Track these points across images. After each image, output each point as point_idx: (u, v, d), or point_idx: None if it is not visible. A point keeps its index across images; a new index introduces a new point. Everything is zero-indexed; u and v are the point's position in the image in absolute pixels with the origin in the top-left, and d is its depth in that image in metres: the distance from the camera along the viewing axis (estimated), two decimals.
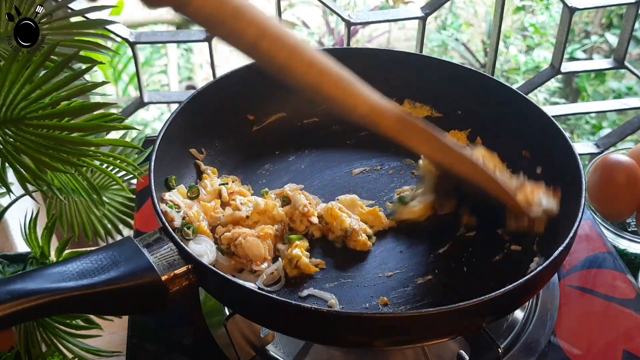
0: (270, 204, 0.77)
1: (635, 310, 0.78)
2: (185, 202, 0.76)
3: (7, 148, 0.69)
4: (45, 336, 0.78)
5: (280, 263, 0.73)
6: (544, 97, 2.63)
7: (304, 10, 3.06)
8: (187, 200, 0.77)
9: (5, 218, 0.89)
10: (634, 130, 1.20)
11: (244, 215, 0.76)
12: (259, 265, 0.72)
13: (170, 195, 0.75)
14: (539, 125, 0.81)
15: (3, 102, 0.67)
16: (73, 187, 0.78)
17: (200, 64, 2.95)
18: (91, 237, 0.93)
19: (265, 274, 0.72)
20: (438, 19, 2.87)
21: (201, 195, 0.79)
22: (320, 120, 0.94)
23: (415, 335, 0.61)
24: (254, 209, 0.76)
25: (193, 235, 0.72)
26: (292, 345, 0.75)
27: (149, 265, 0.61)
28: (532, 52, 2.69)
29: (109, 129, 0.71)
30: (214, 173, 0.83)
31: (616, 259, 0.85)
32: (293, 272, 0.73)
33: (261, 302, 0.60)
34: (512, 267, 0.74)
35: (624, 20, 1.12)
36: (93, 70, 0.75)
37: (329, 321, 0.59)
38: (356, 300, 0.71)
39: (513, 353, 0.73)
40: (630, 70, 1.16)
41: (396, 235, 0.79)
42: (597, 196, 0.94)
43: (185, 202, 0.76)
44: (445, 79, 0.91)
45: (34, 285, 0.56)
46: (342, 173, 0.88)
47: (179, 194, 0.77)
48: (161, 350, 0.75)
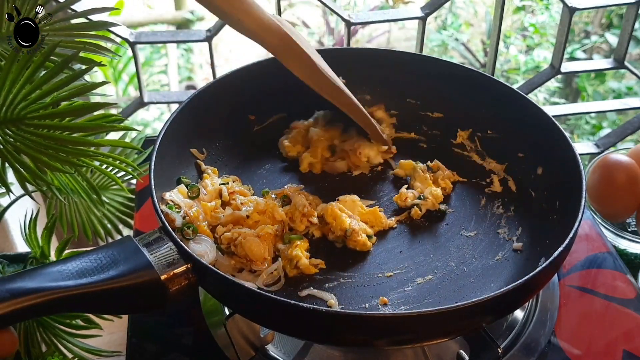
0: (270, 204, 0.77)
1: (635, 310, 0.78)
2: (185, 201, 0.76)
3: (7, 148, 0.69)
4: (45, 336, 0.78)
5: (280, 263, 0.73)
6: (544, 97, 2.63)
7: (304, 10, 3.07)
8: (187, 200, 0.77)
9: (5, 218, 0.88)
10: (634, 130, 1.20)
11: (244, 215, 0.76)
12: (258, 266, 0.72)
13: (171, 195, 0.75)
14: (539, 125, 0.81)
15: (3, 102, 0.67)
16: (73, 187, 0.79)
17: (200, 64, 2.96)
18: (91, 237, 0.93)
19: (265, 274, 0.72)
20: (438, 19, 2.87)
21: (201, 195, 0.79)
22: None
23: (414, 335, 0.61)
24: (254, 209, 0.76)
25: (193, 235, 0.72)
26: (292, 345, 0.75)
27: (149, 264, 0.61)
28: (532, 52, 2.69)
29: (109, 129, 0.71)
30: (214, 173, 0.83)
31: (616, 259, 0.85)
32: (293, 272, 0.73)
33: (260, 301, 0.60)
34: (512, 267, 0.74)
35: (624, 20, 1.12)
36: (93, 71, 0.75)
37: (328, 321, 0.59)
38: (356, 300, 0.71)
39: (513, 353, 0.73)
40: (630, 70, 1.16)
41: (396, 235, 0.80)
42: (597, 196, 0.94)
43: (185, 201, 0.76)
44: (445, 79, 0.91)
45: (33, 283, 0.56)
46: (342, 173, 0.88)
47: (179, 194, 0.77)
48: (161, 350, 0.75)
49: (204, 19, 2.56)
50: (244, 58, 2.88)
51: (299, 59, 0.76)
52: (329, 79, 0.79)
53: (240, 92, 0.89)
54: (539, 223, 0.77)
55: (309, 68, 0.77)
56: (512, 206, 0.82)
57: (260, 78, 0.89)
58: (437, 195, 0.82)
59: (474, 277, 0.73)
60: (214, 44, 1.07)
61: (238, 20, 0.70)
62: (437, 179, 0.85)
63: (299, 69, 0.77)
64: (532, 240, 0.76)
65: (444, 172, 0.86)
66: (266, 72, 0.88)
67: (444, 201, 0.83)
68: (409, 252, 0.77)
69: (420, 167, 0.85)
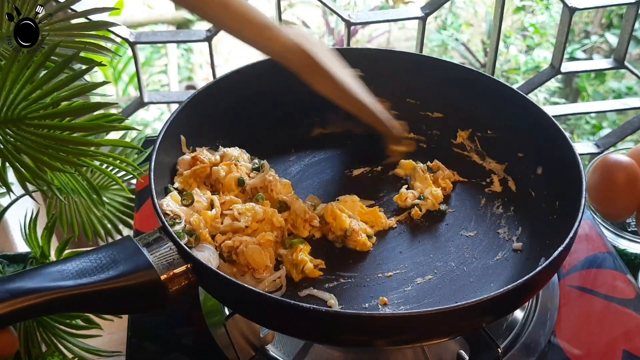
0: (269, 212, 0.77)
1: (635, 310, 0.78)
2: (183, 209, 0.75)
3: (7, 148, 0.69)
4: (45, 336, 0.78)
5: (283, 271, 0.73)
6: (544, 97, 2.63)
7: (304, 10, 3.07)
8: (185, 207, 0.75)
9: (5, 218, 0.89)
10: (634, 130, 1.20)
11: (243, 226, 0.75)
12: (260, 273, 0.72)
13: (168, 204, 0.74)
14: (539, 126, 0.81)
15: (3, 102, 0.67)
16: (73, 187, 0.79)
17: (200, 64, 2.96)
18: (91, 237, 0.93)
19: (267, 282, 0.71)
20: (438, 19, 2.87)
21: (202, 202, 0.77)
22: (320, 120, 0.94)
23: (414, 335, 0.61)
24: (253, 219, 0.76)
25: (195, 243, 0.71)
26: (292, 345, 0.75)
27: (148, 264, 0.61)
28: (532, 52, 2.69)
29: (110, 129, 0.71)
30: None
31: (616, 259, 0.85)
32: (299, 276, 0.72)
33: (260, 301, 0.60)
34: (512, 267, 0.74)
35: (624, 20, 1.12)
36: (93, 71, 0.75)
37: (328, 321, 0.59)
38: (356, 300, 0.71)
39: (513, 353, 0.73)
40: (630, 70, 1.16)
41: (396, 235, 0.80)
42: (597, 196, 0.94)
43: (183, 209, 0.75)
44: (446, 79, 0.91)
45: (32, 283, 0.56)
46: (342, 173, 0.88)
47: (173, 201, 0.75)
48: (161, 350, 0.75)
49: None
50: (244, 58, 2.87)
51: (320, 76, 0.78)
52: (351, 94, 0.81)
53: (241, 93, 0.89)
54: (538, 223, 0.77)
55: (332, 84, 0.79)
56: (512, 206, 0.82)
57: (260, 78, 0.89)
58: (437, 195, 0.82)
59: (474, 277, 0.73)
60: (214, 44, 1.07)
61: (264, 46, 0.75)
62: (437, 179, 0.85)
63: (321, 86, 0.79)
64: (532, 240, 0.76)
65: (444, 171, 0.86)
66: (266, 72, 0.88)
67: (444, 201, 0.83)
68: (409, 252, 0.77)
69: (420, 167, 0.85)
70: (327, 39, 2.92)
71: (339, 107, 0.82)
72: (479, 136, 0.90)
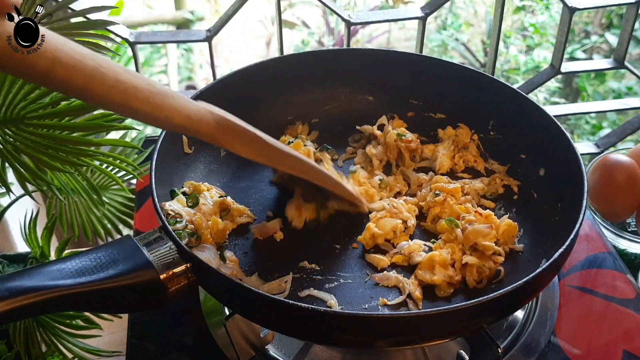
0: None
1: (635, 310, 0.78)
2: (186, 210, 0.75)
3: (7, 148, 0.69)
4: (45, 336, 0.78)
5: (290, 276, 0.72)
6: (544, 97, 2.63)
7: (304, 10, 3.07)
8: (188, 208, 0.75)
9: (5, 218, 0.88)
10: (634, 130, 1.20)
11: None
12: None
13: (171, 205, 0.74)
14: (542, 127, 0.80)
15: (3, 102, 0.67)
16: (73, 187, 0.78)
17: (200, 64, 2.95)
18: (91, 237, 0.93)
19: (271, 284, 0.71)
20: (438, 19, 2.87)
21: (207, 205, 0.77)
22: (321, 122, 0.94)
23: (414, 336, 0.61)
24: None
25: (196, 243, 0.71)
26: (292, 345, 0.75)
27: (148, 263, 0.61)
28: (532, 52, 2.69)
29: (109, 129, 0.71)
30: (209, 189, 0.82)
31: (616, 259, 0.85)
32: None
33: (260, 301, 0.60)
34: (512, 267, 0.74)
35: (624, 20, 1.12)
36: None
37: (327, 321, 0.59)
38: (356, 300, 0.71)
39: (513, 353, 0.73)
40: (630, 70, 1.16)
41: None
42: (597, 196, 0.94)
43: (186, 210, 0.75)
44: (446, 79, 0.91)
45: (32, 282, 0.56)
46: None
47: (178, 203, 0.75)
48: (161, 350, 0.75)
49: (204, 19, 2.56)
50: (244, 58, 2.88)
51: (243, 137, 0.68)
52: (281, 150, 0.72)
53: (241, 93, 0.88)
54: (540, 224, 0.77)
55: (257, 144, 0.69)
56: (514, 207, 0.82)
57: (261, 79, 0.89)
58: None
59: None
60: (214, 44, 1.07)
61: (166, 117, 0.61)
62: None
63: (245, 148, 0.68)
64: (533, 242, 0.76)
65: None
66: (267, 73, 0.88)
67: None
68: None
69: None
70: (327, 39, 2.92)
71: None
72: (482, 137, 0.90)
